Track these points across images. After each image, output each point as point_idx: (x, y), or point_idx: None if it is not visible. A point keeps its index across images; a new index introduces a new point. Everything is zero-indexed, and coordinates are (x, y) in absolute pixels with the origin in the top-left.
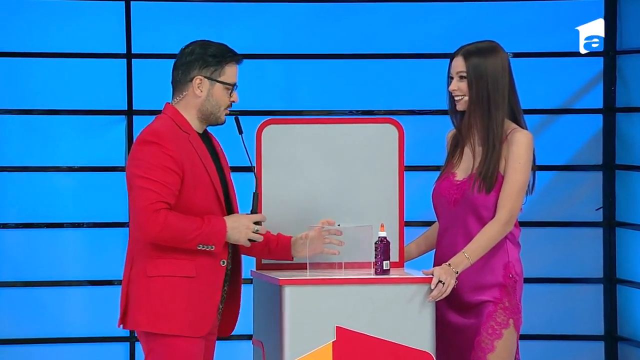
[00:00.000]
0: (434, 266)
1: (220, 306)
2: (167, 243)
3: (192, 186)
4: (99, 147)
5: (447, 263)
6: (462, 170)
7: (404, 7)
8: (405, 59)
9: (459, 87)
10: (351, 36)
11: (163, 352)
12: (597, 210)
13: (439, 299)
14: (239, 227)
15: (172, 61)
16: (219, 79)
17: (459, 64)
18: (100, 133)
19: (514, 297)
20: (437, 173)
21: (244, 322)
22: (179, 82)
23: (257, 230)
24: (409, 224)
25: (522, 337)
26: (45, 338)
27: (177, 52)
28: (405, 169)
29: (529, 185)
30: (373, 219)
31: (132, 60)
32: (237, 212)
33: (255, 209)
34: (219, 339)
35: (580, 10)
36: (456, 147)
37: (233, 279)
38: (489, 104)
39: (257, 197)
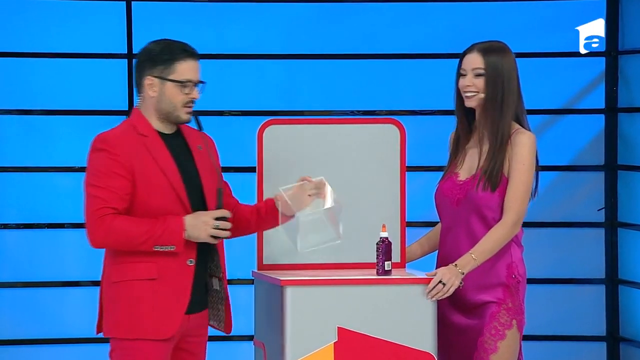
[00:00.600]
0: (436, 266)
1: (221, 305)
2: (118, 248)
3: (146, 189)
4: None
5: (453, 264)
6: (466, 170)
7: (405, 7)
8: (407, 59)
9: (474, 83)
10: (352, 36)
11: (124, 353)
12: (599, 210)
13: (441, 298)
14: (197, 225)
15: None
16: (169, 77)
17: (476, 60)
18: None
19: (517, 297)
20: (439, 173)
21: (245, 323)
22: (137, 84)
23: (218, 226)
24: (410, 224)
25: (525, 337)
26: (45, 339)
27: None
28: (407, 169)
29: (532, 188)
30: (375, 220)
31: (134, 60)
32: (213, 210)
33: (220, 204)
34: (220, 339)
35: (582, 10)
36: (458, 147)
37: (210, 278)
38: (502, 103)
39: (220, 193)
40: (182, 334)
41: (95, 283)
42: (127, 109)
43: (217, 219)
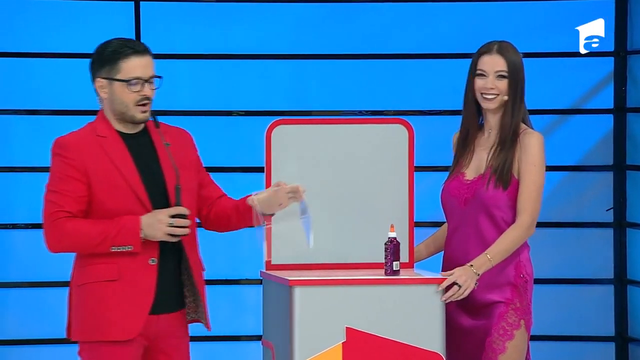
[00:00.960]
0: (442, 266)
1: (199, 303)
2: (74, 250)
3: (103, 190)
4: None
5: (469, 264)
6: (473, 169)
7: (412, 7)
8: (415, 59)
9: (497, 85)
10: (360, 36)
11: (89, 355)
12: (607, 210)
13: (455, 300)
14: (152, 223)
15: (182, 61)
16: (116, 77)
17: (498, 62)
18: None
19: (525, 297)
20: (447, 173)
21: (254, 323)
22: (93, 87)
23: (172, 223)
24: (418, 224)
25: (532, 338)
26: (52, 339)
27: (186, 52)
28: (415, 169)
29: None
30: (383, 220)
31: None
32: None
33: (178, 202)
34: (228, 339)
35: (589, 11)
36: (464, 147)
37: (177, 277)
38: (520, 102)
39: (178, 190)
40: (155, 335)
41: None
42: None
43: (175, 216)
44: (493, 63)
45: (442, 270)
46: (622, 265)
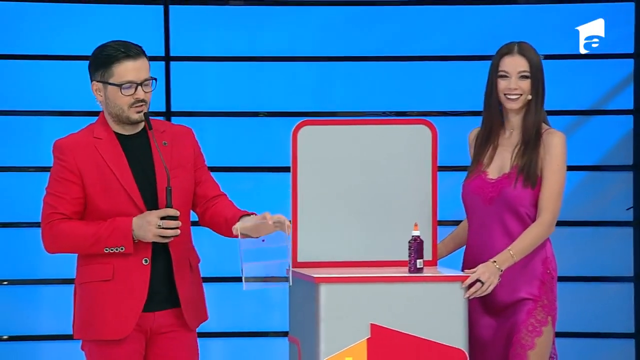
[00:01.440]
0: (463, 264)
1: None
2: (69, 251)
3: (97, 192)
4: None
5: (492, 260)
6: (495, 169)
7: (434, 10)
8: (437, 61)
9: (520, 85)
10: (384, 39)
11: (91, 357)
12: (627, 210)
13: (479, 295)
14: (142, 225)
15: (210, 63)
16: (109, 81)
17: (520, 63)
18: None
19: (552, 293)
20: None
21: (280, 320)
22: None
23: (160, 225)
24: (442, 223)
25: (555, 334)
26: None
27: (214, 54)
28: (438, 169)
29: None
30: (407, 218)
31: (170, 62)
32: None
33: (169, 203)
34: (255, 335)
35: (609, 13)
36: (484, 146)
37: (170, 276)
38: (542, 101)
39: (169, 191)
40: (153, 332)
41: None
42: (164, 110)
43: (165, 218)
44: (515, 64)
45: (463, 267)
46: None
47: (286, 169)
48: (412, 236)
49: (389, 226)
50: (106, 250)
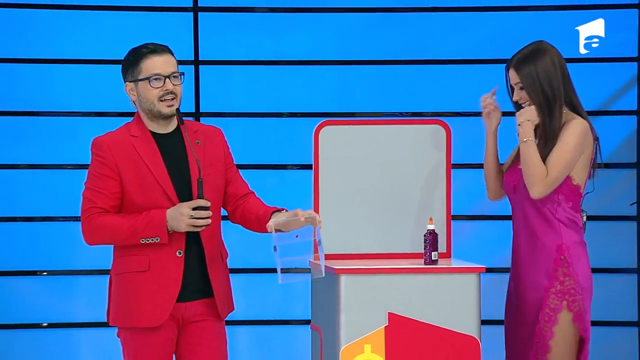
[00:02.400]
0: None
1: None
2: (107, 243)
3: (134, 187)
4: None
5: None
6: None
7: (448, 16)
8: (450, 64)
9: (522, 96)
10: (401, 43)
11: (127, 343)
12: (631, 205)
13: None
14: (176, 216)
15: (237, 67)
16: (139, 77)
17: (513, 76)
18: None
19: (569, 278)
20: (482, 170)
21: (303, 308)
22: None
23: (193, 215)
24: (455, 217)
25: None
26: None
27: (240, 58)
28: (452, 166)
29: (590, 181)
30: (422, 213)
31: (200, 66)
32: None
33: (200, 195)
34: (279, 323)
35: (614, 19)
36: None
37: (202, 267)
38: (549, 101)
39: (200, 183)
40: (185, 321)
41: None
42: (194, 111)
43: (196, 208)
44: (512, 77)
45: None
46: None
47: (308, 167)
48: (428, 230)
49: (405, 220)
50: (142, 240)
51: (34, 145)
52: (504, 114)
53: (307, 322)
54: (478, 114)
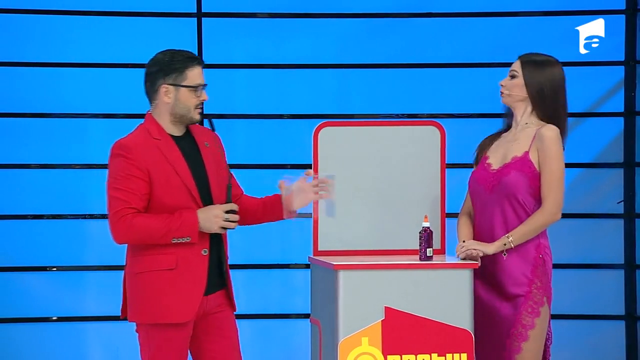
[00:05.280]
0: None
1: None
2: (139, 242)
3: (161, 188)
4: None
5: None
6: (498, 159)
7: (443, 22)
8: (446, 68)
9: (507, 84)
10: (397, 48)
11: (148, 339)
12: (618, 203)
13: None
14: (209, 217)
15: (241, 71)
16: (183, 84)
17: (515, 66)
18: None
19: (545, 276)
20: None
21: (302, 303)
22: (150, 92)
23: (228, 218)
24: (449, 215)
25: (551, 316)
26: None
27: (243, 62)
28: (447, 166)
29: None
30: (418, 211)
31: (203, 70)
32: (222, 204)
33: (229, 199)
34: (279, 317)
35: (606, 25)
36: (485, 148)
37: (222, 263)
38: (543, 100)
39: (229, 188)
40: (204, 313)
41: None
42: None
43: (226, 212)
44: (514, 65)
45: None
46: (632, 252)
47: (307, 167)
48: (423, 227)
49: (401, 218)
50: (174, 240)
51: (44, 145)
52: (490, 115)
53: (307, 316)
54: (471, 116)
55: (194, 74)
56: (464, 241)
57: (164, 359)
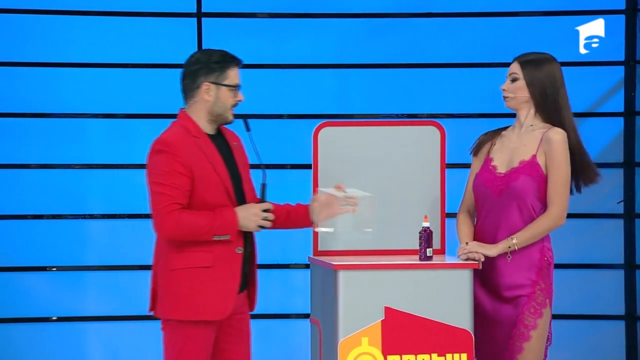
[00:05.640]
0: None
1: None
2: (184, 238)
3: (201, 185)
4: None
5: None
6: (504, 163)
7: (443, 22)
8: (445, 68)
9: (509, 87)
10: (397, 48)
11: (174, 332)
12: (618, 203)
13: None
14: (248, 216)
15: (241, 71)
16: (224, 83)
17: (514, 67)
18: None
19: (548, 278)
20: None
21: (302, 303)
22: (188, 90)
23: (266, 217)
24: (449, 215)
25: (552, 316)
26: (125, 316)
27: (243, 62)
28: (447, 166)
29: (576, 186)
30: (417, 211)
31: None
32: (251, 203)
33: (264, 198)
34: (279, 317)
35: (605, 24)
36: (485, 145)
37: (251, 262)
38: (545, 100)
39: (265, 188)
40: (230, 313)
41: None
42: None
43: (263, 211)
44: (512, 68)
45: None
46: (632, 252)
47: (307, 166)
48: (423, 227)
49: (401, 218)
50: (214, 237)
51: (44, 145)
52: (490, 115)
53: (307, 316)
54: (471, 116)
55: (234, 74)
56: (467, 243)
57: (190, 355)
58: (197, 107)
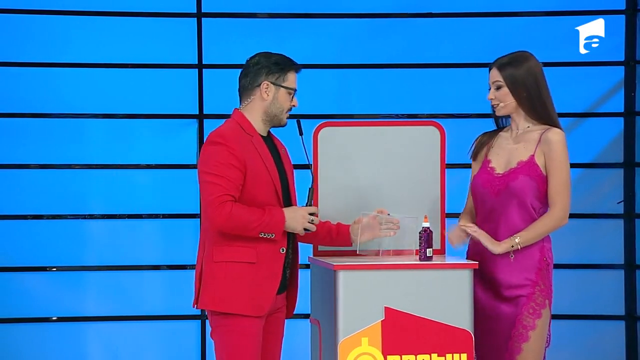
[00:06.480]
0: (468, 251)
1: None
2: (233, 231)
3: (253, 182)
4: (173, 147)
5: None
6: (502, 164)
7: (443, 22)
8: (445, 68)
9: (496, 95)
10: (397, 48)
11: (225, 329)
12: (618, 203)
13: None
14: (295, 218)
15: (239, 71)
16: (283, 85)
17: (494, 75)
18: (174, 135)
19: (548, 279)
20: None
21: (302, 303)
22: (247, 89)
23: (312, 220)
24: (449, 215)
25: (552, 316)
26: (125, 316)
27: (243, 62)
28: (447, 166)
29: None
30: (417, 211)
31: (203, 70)
32: (295, 205)
33: (311, 201)
34: None
35: (605, 24)
36: (483, 147)
37: (293, 265)
38: (530, 100)
39: (312, 191)
40: (271, 312)
41: (170, 267)
42: (197, 113)
43: (310, 214)
44: (492, 76)
45: (469, 252)
46: (632, 252)
47: (307, 166)
48: (422, 227)
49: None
50: (261, 234)
51: (43, 145)
52: (490, 115)
53: (307, 316)
54: (471, 116)
55: (293, 78)
56: (475, 224)
57: (246, 347)
58: (254, 106)
